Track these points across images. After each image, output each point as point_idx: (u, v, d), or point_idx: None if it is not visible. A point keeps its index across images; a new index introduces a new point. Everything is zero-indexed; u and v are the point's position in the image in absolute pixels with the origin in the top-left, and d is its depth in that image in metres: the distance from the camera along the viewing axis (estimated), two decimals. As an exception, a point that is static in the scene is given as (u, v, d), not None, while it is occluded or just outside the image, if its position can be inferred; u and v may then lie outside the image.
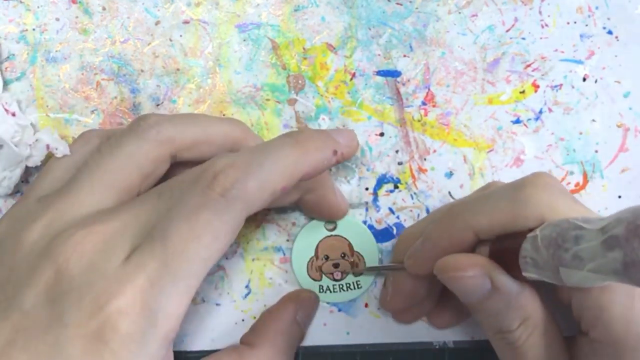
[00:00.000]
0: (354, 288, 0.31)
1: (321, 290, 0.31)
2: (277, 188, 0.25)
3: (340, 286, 0.31)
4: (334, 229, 0.32)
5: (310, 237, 0.31)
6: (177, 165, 0.28)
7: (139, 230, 0.24)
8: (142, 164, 0.27)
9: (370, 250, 0.32)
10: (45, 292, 0.23)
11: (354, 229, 0.32)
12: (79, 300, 0.23)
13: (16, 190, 0.31)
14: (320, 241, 0.31)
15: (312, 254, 0.31)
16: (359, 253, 0.32)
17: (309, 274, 0.31)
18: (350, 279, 0.31)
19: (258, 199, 0.25)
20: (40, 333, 0.23)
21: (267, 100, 0.32)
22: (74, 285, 0.23)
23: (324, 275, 0.31)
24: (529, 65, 0.33)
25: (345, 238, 0.32)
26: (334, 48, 0.33)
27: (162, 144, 0.27)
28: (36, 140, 0.29)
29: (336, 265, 0.31)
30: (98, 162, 0.27)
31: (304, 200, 0.30)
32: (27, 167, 0.30)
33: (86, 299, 0.22)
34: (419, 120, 0.33)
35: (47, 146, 0.29)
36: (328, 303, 0.32)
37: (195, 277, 0.24)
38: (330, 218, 0.31)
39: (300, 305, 0.30)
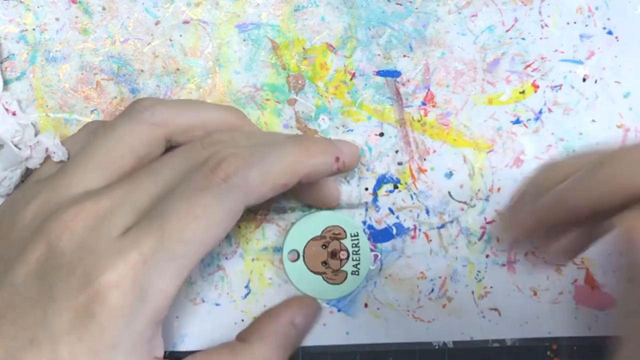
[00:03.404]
0: (357, 240, 0.31)
1: (356, 274, 0.31)
2: (277, 183, 0.26)
3: (355, 253, 0.31)
4: (298, 255, 0.31)
5: (300, 277, 0.31)
6: (171, 150, 0.29)
7: (130, 209, 0.24)
8: (135, 146, 0.27)
9: (335, 217, 0.32)
10: (36, 269, 0.23)
11: (299, 232, 0.32)
12: (68, 275, 0.23)
13: (16, 190, 0.31)
14: (307, 267, 0.31)
15: (319, 277, 0.31)
16: (327, 228, 0.31)
17: (338, 284, 0.31)
18: (348, 242, 0.31)
19: (258, 190, 0.25)
20: (29, 307, 0.23)
21: (267, 100, 0.32)
22: (64, 261, 0.23)
23: (343, 269, 0.31)
24: (528, 66, 0.33)
25: (309, 242, 0.31)
26: (334, 48, 0.33)
27: (156, 126, 0.27)
28: (37, 142, 0.29)
29: (334, 254, 0.31)
30: (92, 144, 0.27)
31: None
32: (27, 168, 0.30)
33: (76, 272, 0.23)
34: (418, 121, 0.33)
35: (47, 149, 0.29)
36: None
37: (189, 258, 0.24)
38: (322, 205, 0.31)
39: (299, 309, 0.30)
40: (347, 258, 0.31)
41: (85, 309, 0.22)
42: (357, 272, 0.31)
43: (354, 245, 0.31)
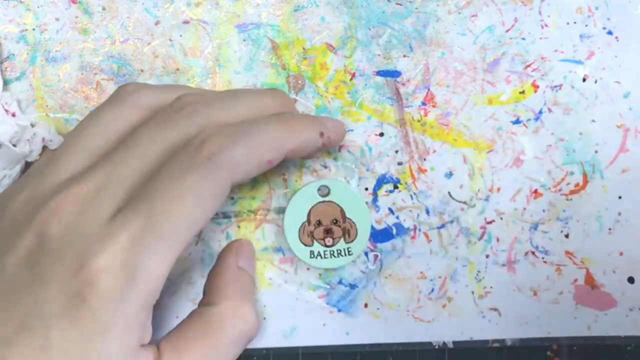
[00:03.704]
0: (345, 255, 0.31)
1: (312, 256, 0.31)
2: (263, 160, 0.26)
3: (332, 252, 0.31)
4: (327, 194, 0.32)
5: (302, 202, 0.31)
6: None
7: (116, 189, 0.25)
8: (120, 129, 0.27)
9: (362, 217, 0.31)
10: (26, 256, 0.23)
11: (346, 195, 0.32)
12: (59, 260, 0.23)
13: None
14: (313, 207, 0.31)
15: (305, 219, 0.31)
16: (350, 219, 0.31)
17: (300, 239, 0.31)
18: (341, 245, 0.31)
19: (244, 167, 0.25)
20: (21, 293, 0.23)
21: (267, 100, 0.33)
22: (54, 247, 0.23)
23: (315, 241, 0.31)
24: (528, 66, 0.33)
25: (337, 204, 0.31)
26: (334, 48, 0.33)
27: (141, 109, 0.27)
28: (34, 134, 0.29)
29: (328, 231, 0.31)
30: (80, 130, 0.27)
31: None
32: (26, 162, 0.30)
33: (66, 258, 0.23)
34: (418, 121, 0.33)
35: (43, 139, 0.29)
36: (319, 269, 0.32)
37: (177, 239, 0.24)
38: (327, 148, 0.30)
39: (238, 254, 0.30)
40: (327, 246, 0.31)
41: (76, 293, 0.22)
42: (314, 257, 0.31)
43: (338, 252, 0.31)
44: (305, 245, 0.31)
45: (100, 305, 0.22)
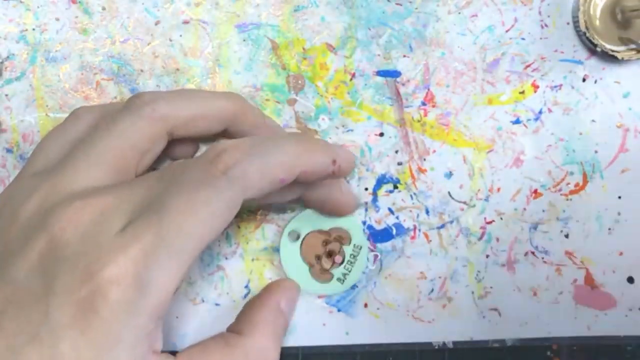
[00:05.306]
0: (357, 253, 0.31)
1: (341, 281, 0.31)
2: (276, 177, 0.26)
3: (350, 263, 0.31)
4: (298, 237, 0.31)
5: (291, 259, 0.31)
6: (175, 143, 0.29)
7: (136, 206, 0.24)
8: (137, 141, 0.27)
9: (348, 221, 0.32)
10: (38, 262, 0.23)
11: (308, 218, 0.32)
12: (71, 269, 0.23)
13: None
14: (300, 252, 0.31)
15: (306, 267, 0.31)
16: (335, 228, 0.31)
17: (320, 282, 0.31)
18: (348, 250, 0.31)
19: (257, 184, 0.25)
20: (32, 302, 0.23)
21: (267, 100, 0.32)
22: (67, 254, 0.23)
23: (331, 271, 0.31)
24: (528, 66, 0.33)
25: (313, 231, 0.31)
26: (334, 48, 0.33)
27: (158, 121, 0.27)
28: None
29: (330, 254, 0.31)
30: (93, 139, 0.27)
31: (307, 198, 0.30)
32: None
33: (78, 267, 0.22)
34: (418, 121, 0.33)
35: None
36: (352, 286, 0.32)
37: (189, 253, 0.24)
38: (338, 215, 0.31)
39: (283, 294, 0.30)
40: (341, 264, 0.31)
41: (87, 303, 0.22)
42: (342, 280, 0.31)
43: (352, 256, 0.31)
44: (327, 281, 0.31)
45: (111, 316, 0.22)
